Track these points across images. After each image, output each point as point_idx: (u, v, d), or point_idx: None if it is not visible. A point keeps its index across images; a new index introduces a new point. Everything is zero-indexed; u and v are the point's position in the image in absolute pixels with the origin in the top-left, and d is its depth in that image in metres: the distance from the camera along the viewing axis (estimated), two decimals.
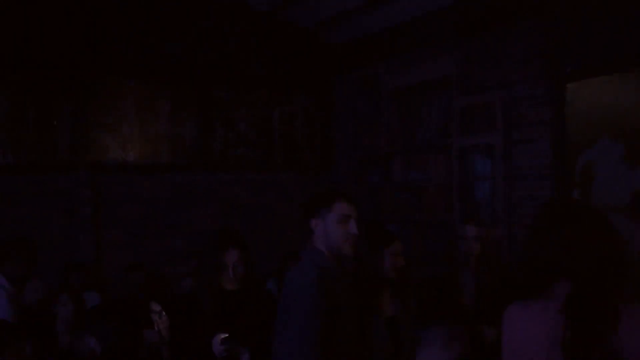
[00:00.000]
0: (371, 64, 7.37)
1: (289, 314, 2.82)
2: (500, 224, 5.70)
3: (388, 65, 7.16)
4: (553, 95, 5.42)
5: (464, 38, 6.16)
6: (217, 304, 3.69)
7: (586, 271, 1.97)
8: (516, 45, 5.69)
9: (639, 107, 4.99)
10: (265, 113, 7.67)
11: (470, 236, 4.01)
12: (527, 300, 2.09)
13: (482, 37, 6.00)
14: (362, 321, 3.08)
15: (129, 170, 6.80)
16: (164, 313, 4.21)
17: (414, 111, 6.90)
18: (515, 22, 5.65)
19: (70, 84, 6.52)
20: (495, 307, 3.27)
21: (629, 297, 1.98)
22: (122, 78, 6.80)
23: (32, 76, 6.36)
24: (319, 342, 2.70)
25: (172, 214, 6.97)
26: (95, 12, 6.61)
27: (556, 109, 5.42)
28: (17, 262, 4.17)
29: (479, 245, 4.03)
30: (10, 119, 6.24)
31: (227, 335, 3.52)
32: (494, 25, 5.84)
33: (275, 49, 7.63)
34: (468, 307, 3.86)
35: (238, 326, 3.62)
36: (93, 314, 3.74)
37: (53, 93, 6.45)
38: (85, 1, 6.56)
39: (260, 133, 7.64)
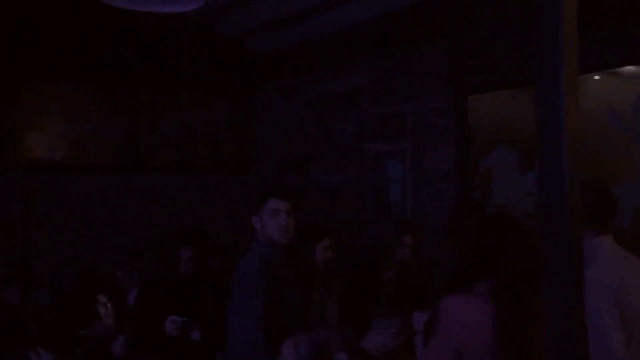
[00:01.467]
0: (292, 74, 7.86)
1: (237, 298, 3.29)
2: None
3: (307, 75, 7.67)
4: (457, 107, 6.08)
5: (377, 53, 6.76)
6: (171, 293, 4.12)
7: (514, 266, 2.44)
8: (424, 61, 6.33)
9: (528, 120, 5.69)
10: (190, 116, 8.02)
11: (405, 244, 4.55)
12: (461, 294, 2.50)
13: (393, 53, 6.61)
14: (301, 307, 3.58)
15: (56, 170, 6.99)
16: (109, 305, 4.53)
17: (330, 118, 7.44)
18: (424, 40, 6.28)
19: None
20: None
21: None
22: (49, 78, 7.00)
23: None
24: (264, 321, 3.17)
25: (101, 213, 7.21)
26: (22, 12, 6.75)
27: (459, 119, 6.08)
28: None
29: (409, 252, 4.57)
30: None
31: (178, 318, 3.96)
32: (404, 42, 6.45)
33: (201, 56, 7.99)
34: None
35: (190, 312, 4.05)
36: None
37: None
38: (10, 1, 6.69)
39: (185, 136, 7.99)
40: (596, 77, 5.32)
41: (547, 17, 2.20)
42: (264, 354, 3.12)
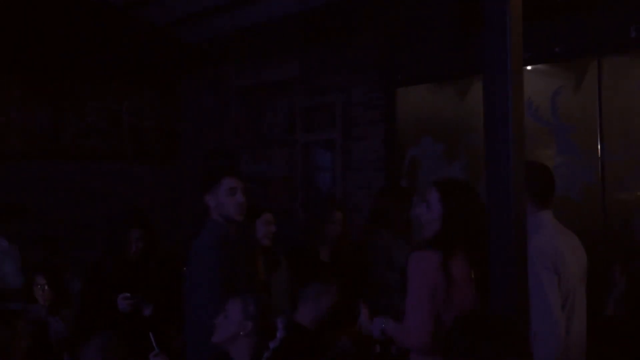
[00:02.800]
0: (220, 64, 7.90)
1: (194, 274, 3.37)
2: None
3: (237, 65, 7.73)
4: (385, 99, 6.31)
5: (308, 45, 6.90)
6: (122, 272, 4.16)
7: (476, 229, 2.71)
8: (354, 54, 6.53)
9: (455, 113, 5.99)
10: (116, 105, 7.95)
11: (336, 220, 4.70)
12: (450, 255, 2.76)
13: (324, 45, 6.77)
14: (251, 282, 3.69)
15: None
16: (47, 287, 4.51)
17: (260, 109, 7.53)
18: (354, 33, 6.47)
19: None
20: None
21: None
22: None
23: None
24: (221, 295, 3.26)
25: (24, 201, 7.05)
26: None
27: (388, 110, 6.31)
28: None
29: (341, 228, 4.72)
30: None
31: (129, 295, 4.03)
32: (334, 34, 6.62)
33: (128, 44, 7.90)
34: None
35: (140, 290, 4.10)
36: None
37: None
38: None
39: (111, 125, 7.90)
40: None
41: (495, 15, 2.41)
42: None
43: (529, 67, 5.46)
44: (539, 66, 5.54)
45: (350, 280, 4.36)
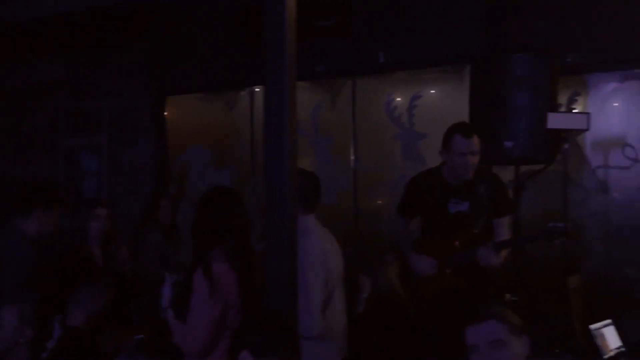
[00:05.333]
0: None
1: None
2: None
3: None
4: (155, 106, 6.40)
5: (76, 47, 6.75)
6: None
7: (238, 233, 2.91)
8: (125, 59, 6.53)
9: (224, 122, 6.28)
10: None
11: (102, 215, 4.66)
12: (214, 260, 2.85)
13: (94, 48, 6.67)
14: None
15: None
16: None
17: (22, 110, 7.19)
18: (126, 39, 6.47)
19: None
20: None
21: None
22: None
23: None
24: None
25: None
26: None
27: (157, 117, 6.41)
28: None
29: (109, 223, 4.70)
30: None
31: None
32: (106, 39, 6.57)
33: None
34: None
35: None
36: None
37: None
38: None
39: None
40: None
41: (274, 34, 2.71)
42: None
43: None
44: (301, 83, 6.02)
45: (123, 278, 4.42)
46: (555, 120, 4.03)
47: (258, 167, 6.14)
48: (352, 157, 5.81)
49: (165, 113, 6.39)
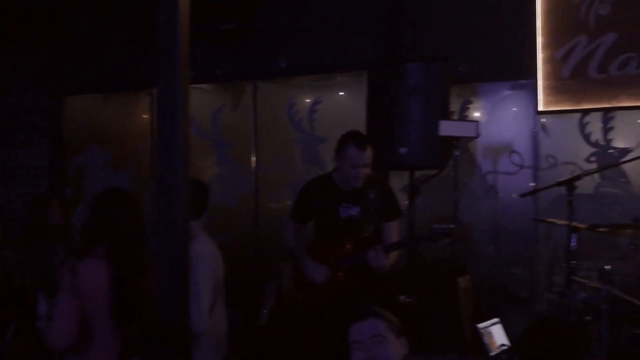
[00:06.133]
0: None
1: None
2: None
3: None
4: (51, 106, 6.23)
5: None
6: None
7: (122, 235, 2.89)
8: (20, 58, 6.31)
9: (124, 123, 6.18)
10: None
11: None
12: (83, 258, 2.87)
13: None
14: None
15: None
16: None
17: None
18: (23, 37, 6.26)
19: None
20: None
21: None
22: None
23: None
24: None
25: None
26: None
27: (54, 118, 6.24)
28: None
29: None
30: None
31: None
32: (2, 36, 6.32)
33: None
34: None
35: None
36: None
37: None
38: None
39: None
40: None
41: (166, 37, 2.71)
42: None
43: (193, 86, 5.88)
44: (203, 85, 6.01)
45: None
46: (446, 128, 4.20)
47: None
48: (253, 160, 5.84)
49: (63, 113, 6.23)
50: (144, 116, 6.20)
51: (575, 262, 3.56)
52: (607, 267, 3.33)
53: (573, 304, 3.51)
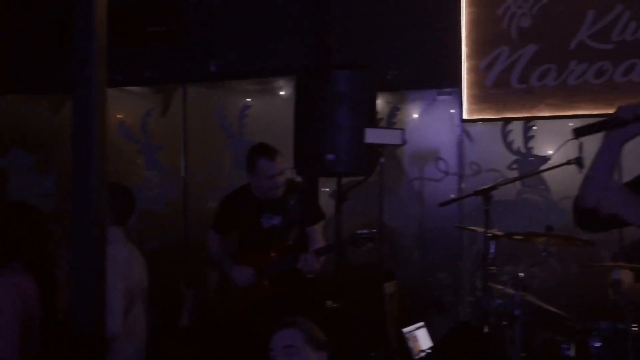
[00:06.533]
0: None
1: None
2: None
3: None
4: None
5: None
6: None
7: (33, 250, 2.85)
8: None
9: (49, 125, 6.02)
10: None
11: None
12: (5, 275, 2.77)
13: None
14: None
15: None
16: None
17: None
18: None
19: None
20: None
21: None
22: None
23: None
24: None
25: None
26: None
27: None
28: None
29: None
30: None
31: None
32: None
33: None
34: None
35: None
36: None
37: None
38: None
39: None
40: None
41: (81, 38, 2.65)
42: None
43: (122, 89, 5.81)
44: (133, 88, 5.92)
45: None
46: (372, 135, 4.22)
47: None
48: (183, 165, 5.79)
49: None
50: (69, 118, 6.04)
51: (494, 268, 3.65)
52: (521, 274, 3.44)
53: (491, 310, 3.61)
